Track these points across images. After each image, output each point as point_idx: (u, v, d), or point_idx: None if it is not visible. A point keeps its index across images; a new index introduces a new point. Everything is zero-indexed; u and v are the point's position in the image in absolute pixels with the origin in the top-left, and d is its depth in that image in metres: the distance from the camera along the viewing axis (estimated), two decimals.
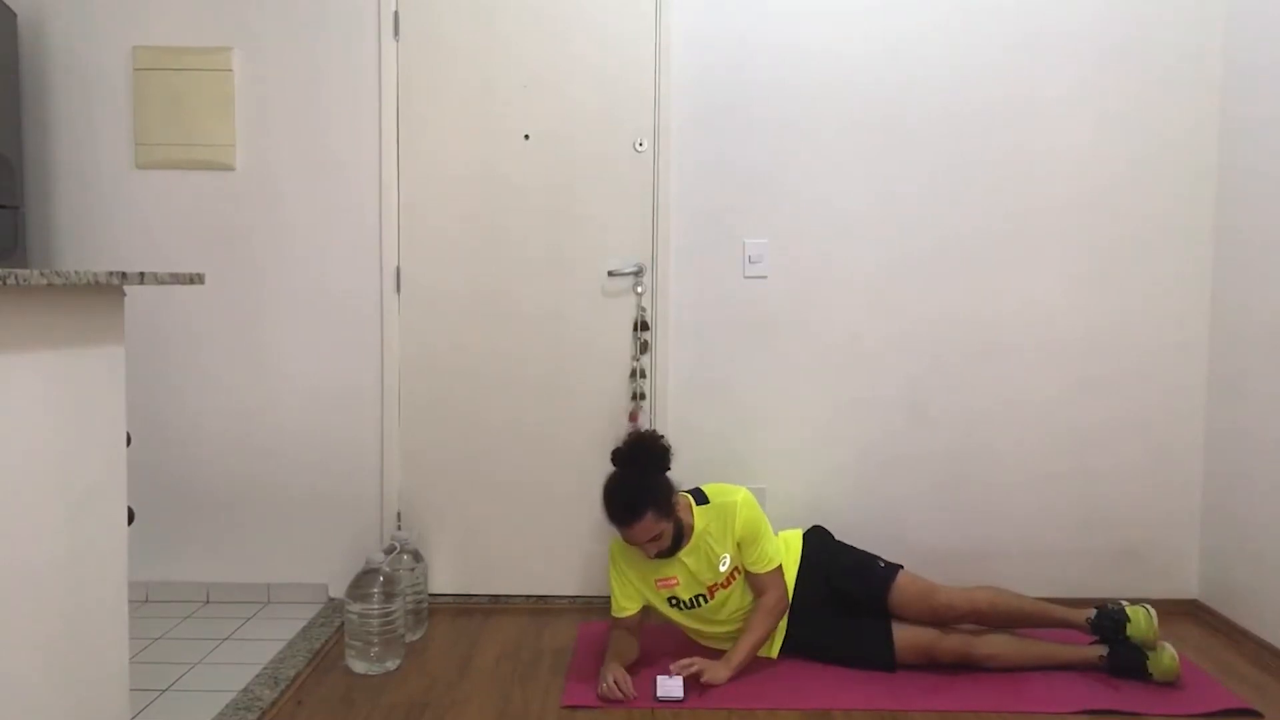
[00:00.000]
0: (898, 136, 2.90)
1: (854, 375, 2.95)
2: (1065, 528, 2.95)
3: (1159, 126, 2.88)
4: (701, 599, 2.48)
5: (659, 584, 2.48)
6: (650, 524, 2.34)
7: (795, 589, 2.54)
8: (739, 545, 2.46)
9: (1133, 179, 2.89)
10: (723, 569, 2.45)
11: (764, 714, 2.23)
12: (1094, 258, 2.91)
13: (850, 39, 2.89)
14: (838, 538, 2.70)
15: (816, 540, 2.66)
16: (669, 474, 2.46)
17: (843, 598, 2.53)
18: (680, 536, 2.42)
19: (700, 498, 2.52)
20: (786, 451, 2.95)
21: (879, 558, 2.60)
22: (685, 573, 2.47)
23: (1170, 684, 2.35)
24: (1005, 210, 2.91)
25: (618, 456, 2.46)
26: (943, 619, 2.47)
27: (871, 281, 2.93)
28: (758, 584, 2.48)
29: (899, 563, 2.58)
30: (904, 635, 2.44)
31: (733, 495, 2.49)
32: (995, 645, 2.45)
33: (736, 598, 2.50)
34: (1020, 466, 2.95)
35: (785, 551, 2.59)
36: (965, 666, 2.43)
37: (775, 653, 2.54)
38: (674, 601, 2.50)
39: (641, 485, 2.38)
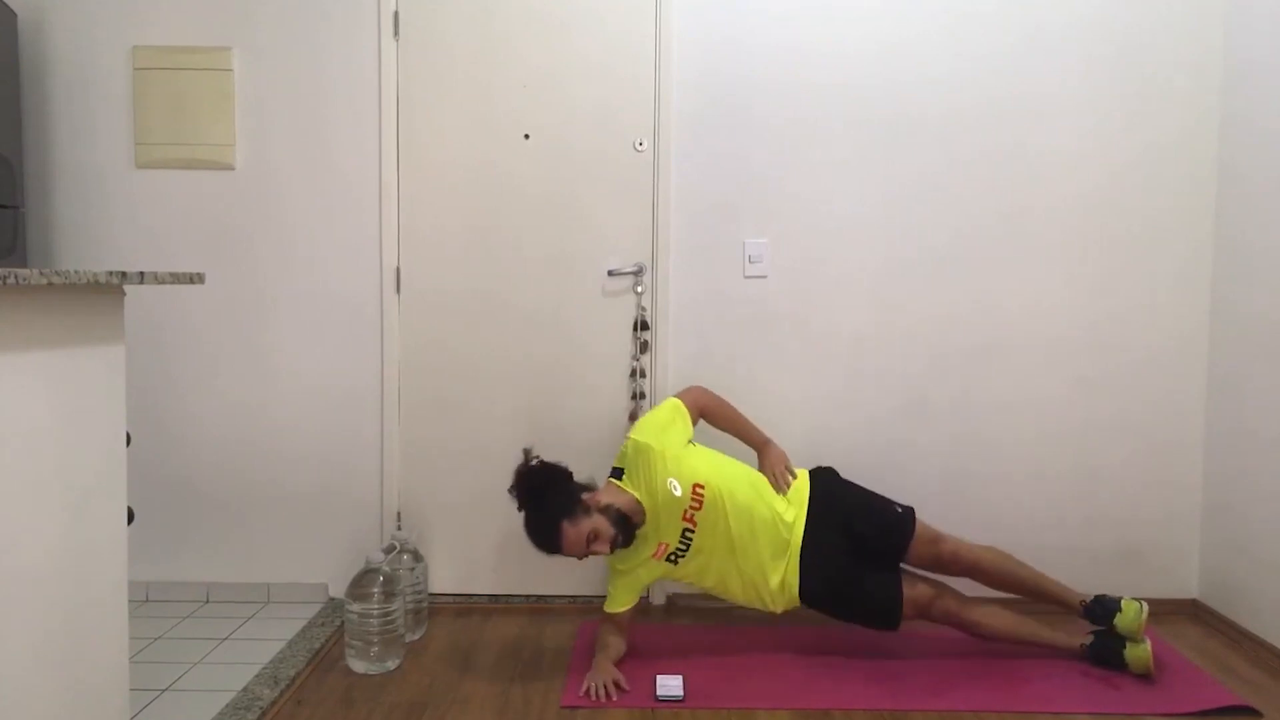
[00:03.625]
0: (898, 136, 2.90)
1: (854, 374, 2.95)
2: (1065, 526, 2.95)
3: (1159, 126, 2.88)
4: (688, 534, 2.46)
5: (655, 556, 2.48)
6: (573, 534, 2.33)
7: (807, 530, 2.50)
8: (662, 455, 2.45)
9: (1133, 179, 2.89)
10: (677, 493, 2.43)
11: (764, 714, 2.23)
12: (1094, 257, 2.91)
13: (851, 38, 2.89)
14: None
15: (826, 479, 2.63)
16: (572, 478, 2.46)
17: (858, 540, 2.50)
18: (626, 519, 2.40)
19: (617, 473, 2.53)
20: (787, 450, 2.93)
21: (893, 502, 2.59)
22: (665, 532, 2.46)
23: (1143, 676, 2.39)
24: (1005, 210, 2.91)
25: (517, 497, 2.43)
26: (945, 567, 2.53)
27: (872, 281, 2.93)
28: (696, 412, 2.61)
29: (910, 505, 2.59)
30: (906, 591, 2.46)
31: (628, 439, 2.53)
32: (986, 614, 2.50)
33: (736, 499, 2.46)
34: (1020, 465, 2.95)
35: (792, 491, 2.56)
36: (955, 626, 2.50)
37: (798, 599, 2.51)
38: (673, 558, 2.49)
39: (540, 510, 2.38)
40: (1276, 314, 2.60)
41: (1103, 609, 2.46)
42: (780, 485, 2.54)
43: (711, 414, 2.68)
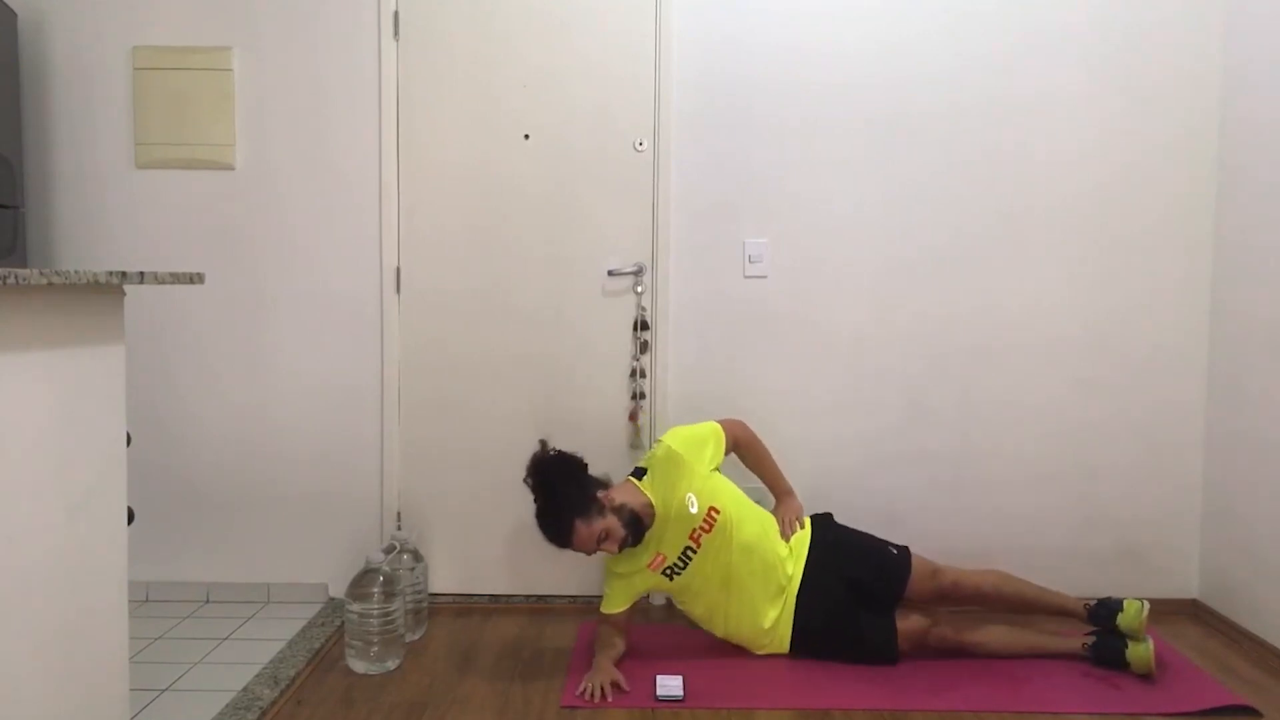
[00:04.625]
0: (897, 136, 2.90)
1: (854, 374, 2.95)
2: (1065, 527, 2.95)
3: (1159, 126, 2.88)
4: (689, 553, 2.47)
5: (650, 566, 2.49)
6: (585, 532, 2.35)
7: (805, 576, 2.53)
8: (691, 469, 2.46)
9: (1133, 179, 2.89)
10: (693, 510, 2.44)
11: (764, 714, 2.23)
12: (1094, 257, 2.91)
13: (851, 38, 2.89)
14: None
15: (824, 527, 2.65)
16: (587, 472, 2.46)
17: (855, 585, 2.51)
18: (638, 519, 2.42)
19: (639, 473, 2.54)
20: (786, 451, 2.93)
21: (888, 543, 2.61)
22: (667, 544, 2.47)
23: (1144, 675, 2.39)
24: (1005, 210, 2.91)
25: (532, 488, 2.43)
26: (948, 597, 2.54)
27: (871, 281, 2.93)
28: (731, 442, 2.60)
29: (904, 544, 2.62)
30: (899, 625, 2.46)
31: (661, 443, 2.53)
32: (986, 634, 2.50)
33: (744, 534, 2.47)
34: (1020, 466, 2.95)
35: (795, 541, 2.58)
36: (954, 651, 2.49)
37: (787, 647, 2.53)
38: (669, 572, 2.49)
39: (555, 504, 2.38)
40: (1276, 314, 2.60)
41: (1106, 610, 2.48)
42: (786, 532, 2.56)
43: (745, 449, 2.67)
